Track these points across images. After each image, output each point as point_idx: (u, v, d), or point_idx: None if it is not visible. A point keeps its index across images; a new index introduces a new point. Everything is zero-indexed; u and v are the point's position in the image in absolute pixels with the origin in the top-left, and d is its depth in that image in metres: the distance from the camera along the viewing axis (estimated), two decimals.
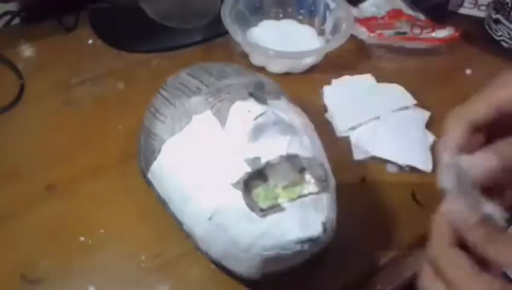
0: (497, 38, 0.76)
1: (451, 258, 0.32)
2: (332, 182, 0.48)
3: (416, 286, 0.35)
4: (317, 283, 0.50)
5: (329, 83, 0.69)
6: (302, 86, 0.68)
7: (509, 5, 0.72)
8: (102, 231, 0.52)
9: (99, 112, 0.64)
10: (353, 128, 0.63)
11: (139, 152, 0.53)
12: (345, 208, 0.49)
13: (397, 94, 0.67)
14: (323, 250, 0.46)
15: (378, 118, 0.64)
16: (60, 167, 0.58)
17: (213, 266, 0.50)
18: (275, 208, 0.44)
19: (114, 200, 0.55)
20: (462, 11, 0.82)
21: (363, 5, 0.80)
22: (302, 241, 0.43)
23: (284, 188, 0.46)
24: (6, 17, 0.74)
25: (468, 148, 0.34)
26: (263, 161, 0.45)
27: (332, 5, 0.74)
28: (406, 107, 0.65)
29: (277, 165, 0.45)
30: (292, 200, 0.45)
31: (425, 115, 0.65)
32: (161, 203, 0.50)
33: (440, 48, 0.76)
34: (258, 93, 0.48)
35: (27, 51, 0.71)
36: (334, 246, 0.47)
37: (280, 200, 0.45)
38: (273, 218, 0.43)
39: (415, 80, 0.70)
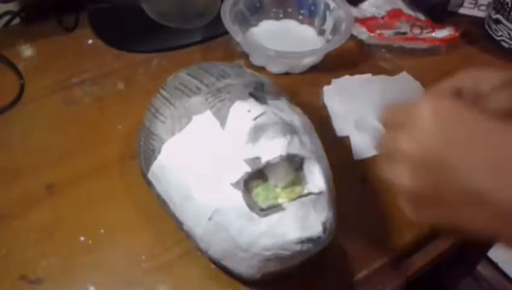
0: (497, 38, 0.76)
1: None
2: (332, 182, 0.48)
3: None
4: (317, 283, 0.50)
5: (329, 83, 0.69)
6: (302, 86, 0.68)
7: (509, 5, 0.72)
8: (102, 231, 0.52)
9: (99, 112, 0.64)
10: (353, 128, 0.63)
11: (139, 152, 0.53)
12: (345, 208, 0.49)
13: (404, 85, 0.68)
14: (323, 250, 0.46)
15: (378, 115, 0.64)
16: (60, 167, 0.58)
17: (213, 266, 0.50)
18: (275, 208, 0.44)
19: (114, 200, 0.55)
20: (462, 11, 0.82)
21: (363, 5, 0.80)
22: (302, 241, 0.43)
23: (284, 188, 0.46)
24: (6, 17, 0.74)
25: None
26: (263, 160, 0.45)
27: (332, 5, 0.74)
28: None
29: (277, 165, 0.45)
30: (292, 200, 0.45)
31: None
32: (161, 203, 0.50)
33: (440, 48, 0.76)
34: (258, 93, 0.48)
35: (27, 51, 0.71)
36: (334, 246, 0.47)
37: (280, 200, 0.45)
38: (273, 218, 0.43)
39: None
